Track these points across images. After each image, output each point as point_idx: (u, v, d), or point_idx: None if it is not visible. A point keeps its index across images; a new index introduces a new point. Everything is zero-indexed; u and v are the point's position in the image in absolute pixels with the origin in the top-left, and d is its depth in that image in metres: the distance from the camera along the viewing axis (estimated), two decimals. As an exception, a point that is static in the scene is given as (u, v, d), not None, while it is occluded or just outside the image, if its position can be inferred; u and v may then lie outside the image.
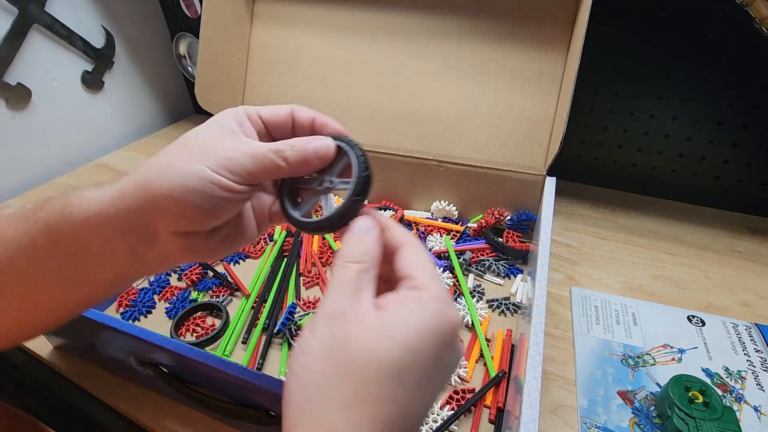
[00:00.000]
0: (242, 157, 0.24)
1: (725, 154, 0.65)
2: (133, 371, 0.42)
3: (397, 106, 0.65)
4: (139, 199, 0.24)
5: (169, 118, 1.09)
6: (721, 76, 0.60)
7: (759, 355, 0.46)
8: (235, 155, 0.24)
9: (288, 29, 0.70)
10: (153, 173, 0.24)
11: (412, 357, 0.19)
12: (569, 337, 0.49)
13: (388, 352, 0.19)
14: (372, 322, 0.20)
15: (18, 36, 0.74)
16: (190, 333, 0.51)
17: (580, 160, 0.75)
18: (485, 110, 0.61)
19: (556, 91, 0.57)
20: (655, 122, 0.67)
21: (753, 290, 0.55)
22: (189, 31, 0.96)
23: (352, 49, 0.67)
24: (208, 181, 0.23)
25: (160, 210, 0.24)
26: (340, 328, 0.20)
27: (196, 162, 0.24)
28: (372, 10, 0.65)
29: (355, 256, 0.23)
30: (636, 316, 0.51)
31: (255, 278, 0.57)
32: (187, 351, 0.34)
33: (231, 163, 0.24)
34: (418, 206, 0.69)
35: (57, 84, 0.82)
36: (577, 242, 0.64)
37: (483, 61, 0.60)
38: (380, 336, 0.19)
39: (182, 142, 0.25)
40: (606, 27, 0.60)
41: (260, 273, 0.58)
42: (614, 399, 0.42)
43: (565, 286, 0.56)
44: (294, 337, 0.48)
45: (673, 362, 0.45)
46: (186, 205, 0.24)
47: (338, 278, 0.22)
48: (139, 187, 0.24)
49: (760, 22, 0.47)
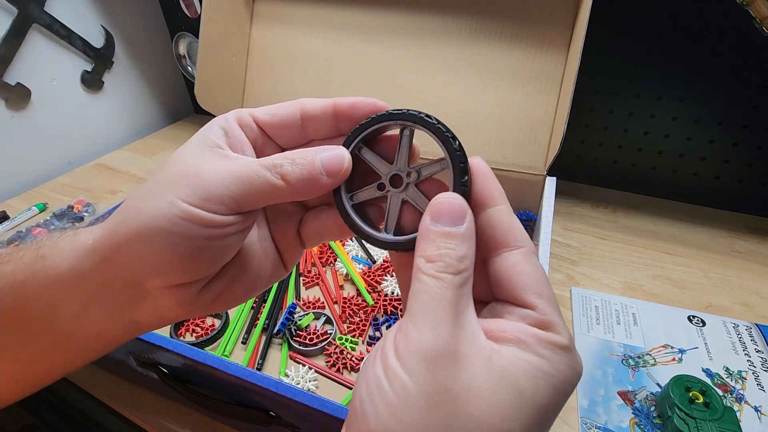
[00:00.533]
0: (224, 180, 0.18)
1: (725, 154, 0.65)
2: (133, 371, 0.42)
3: (397, 106, 0.65)
4: (111, 250, 0.19)
5: (169, 118, 1.09)
6: (721, 76, 0.60)
7: (759, 356, 0.46)
8: (214, 178, 0.18)
9: (288, 29, 0.70)
10: (121, 215, 0.19)
11: (539, 420, 0.15)
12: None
13: (517, 417, 0.14)
14: (495, 372, 0.15)
15: (17, 36, 0.74)
16: (190, 333, 0.50)
17: (580, 160, 0.75)
18: (485, 110, 0.61)
19: (557, 91, 0.57)
20: (655, 122, 0.67)
21: (753, 290, 0.55)
22: (189, 31, 0.96)
23: (352, 49, 0.67)
24: (180, 218, 0.18)
25: (136, 261, 0.19)
26: (449, 373, 0.15)
27: (165, 194, 0.18)
28: (372, 10, 0.65)
29: (451, 263, 0.16)
30: (636, 316, 0.51)
31: (255, 278, 0.57)
32: (186, 351, 0.34)
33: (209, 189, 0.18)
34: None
35: (56, 84, 0.82)
36: (577, 242, 0.64)
37: (483, 61, 0.60)
38: (509, 395, 0.14)
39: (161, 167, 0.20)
40: (606, 27, 0.60)
41: (260, 273, 0.58)
42: (615, 399, 0.42)
43: (566, 286, 0.56)
44: (294, 338, 0.48)
45: (674, 362, 0.45)
46: (161, 251, 0.18)
47: (431, 295, 0.16)
48: (109, 234, 0.19)
49: (761, 22, 0.47)
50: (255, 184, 0.19)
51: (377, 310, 0.52)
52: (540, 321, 0.16)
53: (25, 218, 0.73)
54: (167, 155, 0.30)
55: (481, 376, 0.15)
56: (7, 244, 0.67)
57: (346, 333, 0.49)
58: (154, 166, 0.85)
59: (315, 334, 0.49)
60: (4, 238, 0.67)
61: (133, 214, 0.19)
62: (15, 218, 0.72)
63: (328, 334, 0.49)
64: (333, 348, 0.47)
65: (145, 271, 0.19)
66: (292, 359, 0.47)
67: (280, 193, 0.19)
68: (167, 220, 0.18)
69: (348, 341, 0.48)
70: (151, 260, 0.18)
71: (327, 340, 0.48)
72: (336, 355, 0.46)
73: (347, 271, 0.57)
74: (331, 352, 0.47)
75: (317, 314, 0.52)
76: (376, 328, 0.50)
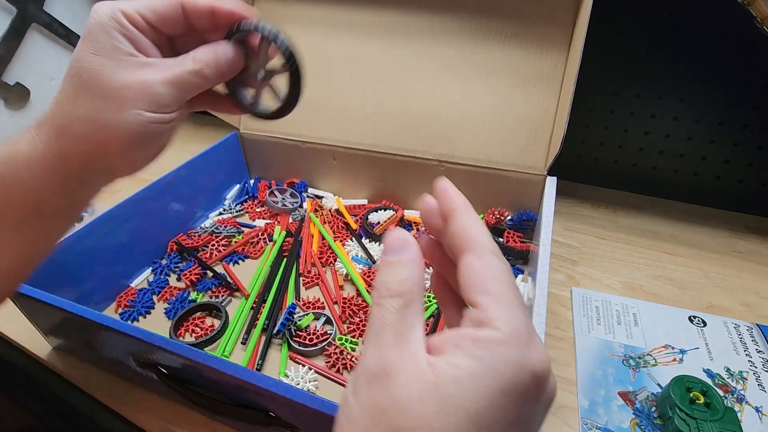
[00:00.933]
0: (168, 89, 0.25)
1: (726, 154, 0.65)
2: (133, 372, 0.42)
3: (397, 106, 0.65)
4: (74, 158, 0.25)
5: (169, 118, 1.09)
6: (722, 76, 0.60)
7: (760, 356, 0.46)
8: (161, 89, 0.25)
9: (288, 29, 0.70)
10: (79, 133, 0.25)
11: (479, 425, 0.14)
12: (570, 338, 0.49)
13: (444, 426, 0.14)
14: (424, 384, 0.15)
15: (17, 35, 0.74)
16: (189, 333, 0.50)
17: (580, 160, 0.75)
18: (485, 110, 0.61)
19: (557, 91, 0.57)
20: (655, 122, 0.67)
21: (754, 290, 0.55)
22: (188, 31, 0.96)
23: (352, 49, 0.67)
24: (149, 123, 0.25)
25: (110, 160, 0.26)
26: (384, 390, 0.15)
27: (127, 109, 0.24)
28: (372, 9, 0.65)
29: (392, 288, 0.18)
30: (637, 317, 0.51)
31: (254, 278, 0.57)
32: (186, 351, 0.34)
33: (160, 98, 0.25)
34: (418, 206, 0.68)
35: (56, 83, 0.82)
36: (577, 242, 0.64)
37: (483, 61, 0.60)
38: (435, 404, 0.14)
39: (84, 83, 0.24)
40: (606, 27, 0.60)
41: (260, 273, 0.58)
42: (615, 400, 0.42)
43: (566, 287, 0.56)
44: (294, 338, 0.48)
45: (675, 363, 0.45)
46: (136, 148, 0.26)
47: (375, 320, 0.18)
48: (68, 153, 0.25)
49: (761, 22, 0.47)
50: (187, 86, 0.26)
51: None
52: (479, 319, 0.16)
53: (24, 218, 0.72)
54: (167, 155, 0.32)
55: (412, 391, 0.15)
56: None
57: (346, 333, 0.49)
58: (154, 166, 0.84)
59: (315, 334, 0.48)
60: (4, 238, 0.66)
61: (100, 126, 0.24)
62: (14, 218, 0.72)
63: (328, 334, 0.49)
64: (333, 348, 0.47)
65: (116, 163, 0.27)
66: (292, 359, 0.47)
67: (202, 89, 0.27)
68: (141, 127, 0.25)
69: (348, 341, 0.48)
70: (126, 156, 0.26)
71: (327, 341, 0.48)
72: (336, 355, 0.46)
73: (347, 271, 0.57)
74: (331, 353, 0.47)
75: (317, 314, 0.51)
76: (376, 328, 0.50)
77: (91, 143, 0.25)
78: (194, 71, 0.26)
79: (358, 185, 0.71)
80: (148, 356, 0.38)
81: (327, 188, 0.74)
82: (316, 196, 0.73)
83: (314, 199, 0.72)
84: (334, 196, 0.73)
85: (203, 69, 0.26)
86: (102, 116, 0.24)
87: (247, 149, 0.75)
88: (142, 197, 0.56)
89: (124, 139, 0.25)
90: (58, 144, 0.25)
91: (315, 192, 0.75)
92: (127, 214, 0.54)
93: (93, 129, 0.25)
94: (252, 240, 0.64)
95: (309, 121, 0.70)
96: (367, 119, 0.67)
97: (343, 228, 0.66)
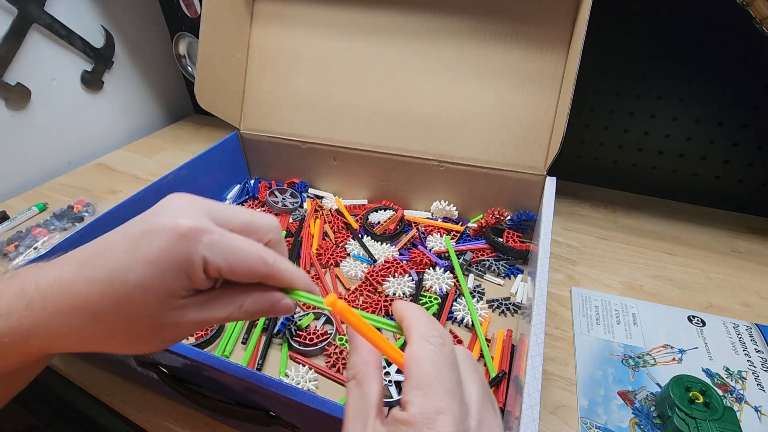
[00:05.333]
0: (202, 325, 0.24)
1: (726, 154, 0.65)
2: (133, 372, 0.42)
3: (397, 106, 0.65)
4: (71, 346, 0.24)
5: (169, 118, 1.09)
6: (721, 76, 0.60)
7: (759, 356, 0.46)
8: (195, 328, 0.24)
9: (288, 29, 0.70)
10: (89, 336, 0.23)
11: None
12: (569, 338, 0.49)
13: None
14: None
15: (17, 36, 0.74)
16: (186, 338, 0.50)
17: (580, 160, 0.75)
18: (485, 110, 0.61)
19: (557, 91, 0.57)
20: (655, 122, 0.67)
21: (753, 290, 0.55)
22: (189, 31, 0.96)
23: (352, 49, 0.67)
24: (169, 343, 0.24)
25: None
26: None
27: (153, 341, 0.23)
28: (372, 10, 0.65)
29: (348, 369, 0.22)
30: (636, 317, 0.51)
31: (255, 278, 0.57)
32: (186, 351, 0.34)
33: (191, 331, 0.24)
34: (418, 206, 0.69)
35: (56, 84, 0.82)
36: (577, 242, 0.64)
37: (483, 61, 0.60)
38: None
39: (117, 310, 0.22)
40: (606, 27, 0.60)
41: (260, 273, 0.58)
42: (614, 399, 0.42)
43: (566, 286, 0.56)
44: (294, 338, 0.48)
45: (674, 362, 0.45)
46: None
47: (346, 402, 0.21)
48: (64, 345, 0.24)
49: (761, 22, 0.47)
50: (221, 322, 0.25)
51: (378, 311, 0.52)
52: (402, 400, 0.19)
53: (25, 218, 0.73)
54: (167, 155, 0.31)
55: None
56: (7, 244, 0.67)
57: (345, 333, 0.49)
58: (154, 166, 0.85)
59: (315, 334, 0.49)
60: (4, 238, 0.67)
61: (116, 343, 0.23)
62: (15, 218, 0.72)
63: (328, 334, 0.49)
64: (333, 348, 0.47)
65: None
66: (292, 359, 0.47)
67: None
68: (157, 346, 0.24)
69: (348, 341, 0.48)
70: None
71: (327, 340, 0.48)
72: (336, 355, 0.46)
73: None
74: (331, 352, 0.47)
75: (317, 314, 0.52)
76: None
77: (95, 346, 0.23)
78: (239, 317, 0.24)
79: (358, 185, 0.71)
80: (148, 356, 0.38)
81: (327, 188, 0.75)
82: (316, 197, 0.73)
83: (314, 200, 0.72)
84: (334, 196, 0.73)
85: (249, 317, 0.24)
86: (123, 340, 0.23)
87: (248, 149, 0.76)
88: (142, 197, 0.56)
89: (138, 351, 0.24)
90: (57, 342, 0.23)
91: (315, 192, 0.75)
92: (128, 214, 0.54)
93: (104, 340, 0.23)
94: (252, 240, 0.64)
95: (309, 121, 0.70)
96: (367, 119, 0.67)
97: (344, 228, 0.66)
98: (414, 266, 0.57)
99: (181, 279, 0.22)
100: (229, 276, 0.23)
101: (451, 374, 0.19)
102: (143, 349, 0.24)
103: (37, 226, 0.69)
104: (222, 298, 0.24)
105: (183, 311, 0.23)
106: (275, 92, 0.72)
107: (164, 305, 0.22)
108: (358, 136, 0.67)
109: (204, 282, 0.22)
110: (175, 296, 0.22)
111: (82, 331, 0.22)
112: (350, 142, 0.67)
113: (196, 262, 0.21)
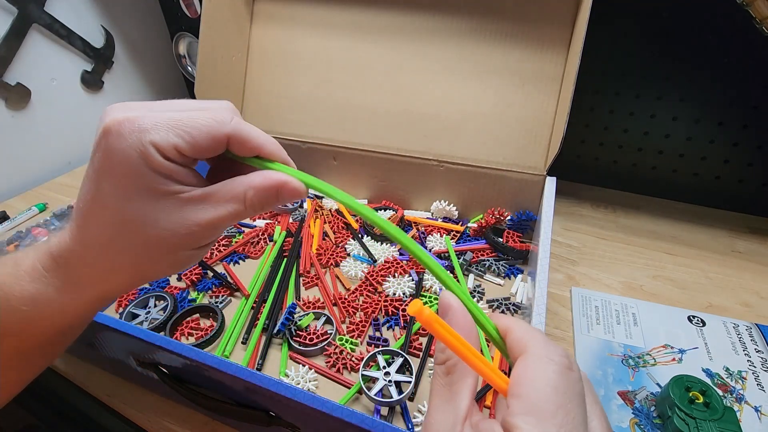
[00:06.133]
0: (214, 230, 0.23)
1: (726, 154, 0.65)
2: (133, 372, 0.42)
3: (397, 106, 0.65)
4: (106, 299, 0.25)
5: (169, 118, 1.09)
6: (721, 76, 0.60)
7: (759, 356, 0.46)
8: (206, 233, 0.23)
9: (288, 29, 0.70)
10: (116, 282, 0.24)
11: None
12: (569, 338, 0.49)
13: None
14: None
15: (17, 36, 0.74)
16: (185, 337, 0.50)
17: (580, 160, 0.75)
18: (485, 110, 0.61)
19: (557, 91, 0.57)
20: (655, 122, 0.67)
21: (753, 290, 0.55)
22: (189, 31, 0.96)
23: (352, 49, 0.67)
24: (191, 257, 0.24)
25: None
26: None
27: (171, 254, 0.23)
28: (372, 10, 0.65)
29: (437, 353, 0.19)
30: (636, 317, 0.51)
31: (255, 278, 0.57)
32: (186, 351, 0.34)
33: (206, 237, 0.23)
34: (418, 206, 0.69)
35: (56, 84, 0.82)
36: (577, 242, 0.64)
37: (483, 61, 0.60)
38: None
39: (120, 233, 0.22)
40: (606, 27, 0.60)
41: (260, 273, 0.58)
42: (615, 399, 0.42)
43: (566, 287, 0.56)
44: (294, 338, 0.48)
45: (674, 362, 0.45)
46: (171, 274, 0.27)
47: (431, 386, 0.19)
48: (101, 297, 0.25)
49: (761, 22, 0.47)
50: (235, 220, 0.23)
51: (378, 310, 0.52)
52: (507, 424, 0.16)
53: (25, 218, 0.73)
54: None
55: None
56: (7, 244, 0.67)
57: (345, 333, 0.49)
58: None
59: (315, 334, 0.49)
60: (4, 238, 0.67)
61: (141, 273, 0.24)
62: (15, 218, 0.72)
63: (328, 334, 0.49)
64: (333, 348, 0.47)
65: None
66: (292, 359, 0.47)
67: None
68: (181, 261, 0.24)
69: (348, 341, 0.48)
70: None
71: (327, 341, 0.48)
72: (336, 355, 0.46)
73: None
74: (331, 353, 0.47)
75: (317, 314, 0.52)
76: (377, 328, 0.50)
77: (129, 286, 0.25)
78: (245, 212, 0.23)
79: (358, 185, 0.71)
80: (148, 356, 0.38)
81: (327, 188, 0.74)
82: (316, 196, 0.73)
83: (314, 200, 0.72)
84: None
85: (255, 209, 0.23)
86: (146, 265, 0.23)
87: (248, 149, 0.75)
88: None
89: (163, 273, 0.24)
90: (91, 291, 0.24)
91: (315, 192, 0.75)
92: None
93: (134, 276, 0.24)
94: (252, 240, 0.64)
95: (309, 121, 0.70)
96: (367, 119, 0.67)
97: (344, 228, 0.66)
98: (414, 266, 0.57)
99: (146, 173, 0.21)
100: (193, 152, 0.21)
101: (578, 407, 0.16)
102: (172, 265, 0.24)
103: (37, 226, 0.69)
104: (221, 192, 0.23)
105: (183, 212, 0.22)
106: (275, 92, 0.72)
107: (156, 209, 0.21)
108: (358, 136, 0.67)
109: (171, 168, 0.21)
110: (159, 194, 0.21)
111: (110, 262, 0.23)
112: (350, 142, 0.67)
113: (147, 149, 0.20)
